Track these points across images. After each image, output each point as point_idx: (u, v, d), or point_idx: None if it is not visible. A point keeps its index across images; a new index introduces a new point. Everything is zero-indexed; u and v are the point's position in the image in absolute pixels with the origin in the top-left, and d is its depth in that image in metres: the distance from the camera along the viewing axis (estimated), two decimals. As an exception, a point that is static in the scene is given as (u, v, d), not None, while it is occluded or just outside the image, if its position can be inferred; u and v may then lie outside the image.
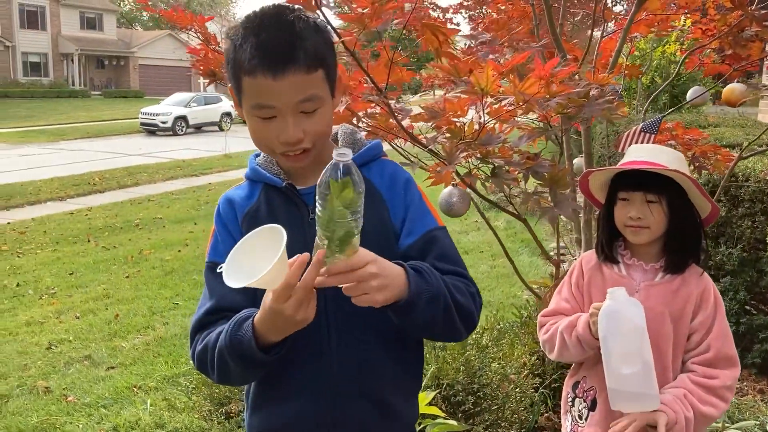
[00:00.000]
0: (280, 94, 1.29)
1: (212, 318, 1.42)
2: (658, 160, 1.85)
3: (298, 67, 1.28)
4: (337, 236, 1.16)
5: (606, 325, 1.75)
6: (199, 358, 1.40)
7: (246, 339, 1.28)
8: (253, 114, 1.34)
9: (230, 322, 1.34)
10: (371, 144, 1.51)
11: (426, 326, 1.37)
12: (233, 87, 1.38)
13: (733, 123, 6.81)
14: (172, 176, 15.23)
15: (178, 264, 7.57)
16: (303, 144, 1.35)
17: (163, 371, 4.50)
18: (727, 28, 2.97)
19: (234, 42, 1.32)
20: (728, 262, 3.94)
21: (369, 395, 1.43)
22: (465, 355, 3.08)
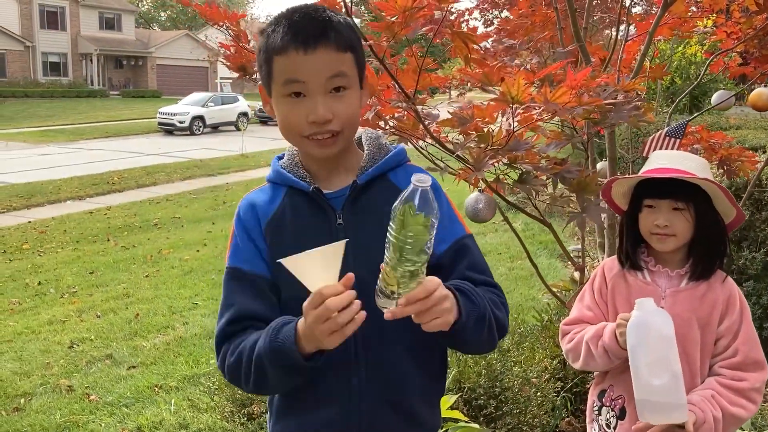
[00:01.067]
0: (310, 69, 1.31)
1: (236, 328, 1.40)
2: (683, 166, 1.84)
3: (329, 44, 1.31)
4: (409, 267, 1.16)
5: (635, 336, 1.74)
6: (232, 371, 1.38)
7: (287, 345, 1.26)
8: (282, 94, 1.35)
9: (268, 329, 1.32)
10: (396, 149, 1.51)
11: (471, 344, 1.40)
12: (265, 77, 1.38)
13: (755, 125, 6.75)
14: (190, 176, 15.35)
15: (196, 264, 7.62)
16: (332, 126, 1.34)
17: (184, 371, 4.54)
18: (753, 31, 2.95)
19: (267, 31, 1.35)
20: (751, 267, 3.90)
21: (396, 404, 1.43)
22: (487, 358, 3.08)
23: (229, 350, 1.38)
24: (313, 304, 1.19)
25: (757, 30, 2.91)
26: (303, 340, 1.26)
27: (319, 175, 1.46)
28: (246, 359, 1.34)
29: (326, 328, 1.18)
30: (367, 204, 1.43)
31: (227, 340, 1.40)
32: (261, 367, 1.31)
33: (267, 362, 1.30)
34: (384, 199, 1.39)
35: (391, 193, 1.39)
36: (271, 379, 1.33)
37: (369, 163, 1.46)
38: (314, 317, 1.18)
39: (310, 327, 1.20)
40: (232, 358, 1.36)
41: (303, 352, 1.26)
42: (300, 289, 1.32)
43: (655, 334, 1.72)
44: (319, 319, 1.18)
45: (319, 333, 1.19)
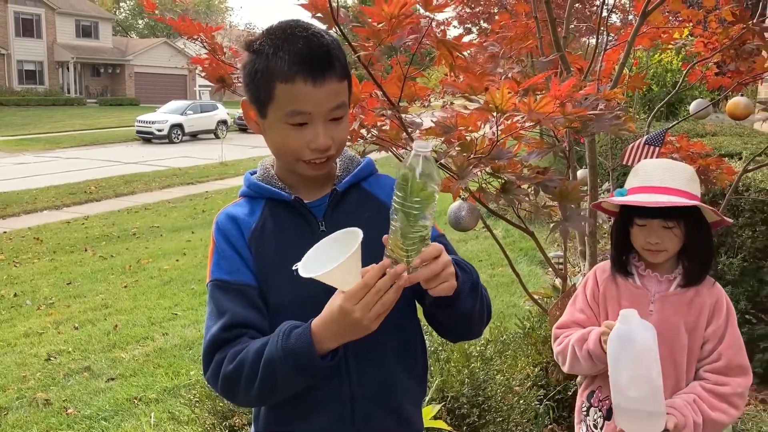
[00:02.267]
0: (317, 101, 1.33)
1: (230, 334, 1.36)
2: (674, 183, 1.86)
3: (334, 75, 1.34)
4: (419, 232, 1.18)
5: (616, 348, 1.76)
6: (229, 380, 1.33)
7: (302, 345, 1.25)
8: (284, 121, 1.35)
9: (275, 334, 1.30)
10: (365, 161, 1.55)
11: (465, 317, 1.41)
12: (260, 98, 1.37)
13: (731, 132, 6.85)
14: (169, 184, 15.22)
15: (176, 273, 7.55)
16: (330, 151, 1.38)
17: (164, 383, 4.49)
18: (729, 41, 2.99)
19: (263, 52, 1.34)
20: (729, 272, 3.95)
21: (386, 405, 1.45)
22: (470, 367, 3.08)
23: (226, 358, 1.33)
24: (357, 297, 1.19)
25: (733, 40, 2.96)
26: (326, 336, 1.25)
27: (297, 186, 1.47)
28: (250, 365, 1.30)
29: (374, 315, 1.20)
30: (346, 211, 1.46)
31: (221, 348, 1.35)
32: (270, 373, 1.28)
33: (279, 366, 1.27)
34: (361, 206, 1.48)
35: (367, 200, 1.49)
36: (279, 386, 1.31)
37: (344, 173, 1.50)
38: (363, 306, 1.19)
39: (355, 322, 1.20)
40: (231, 366, 1.32)
41: (320, 350, 1.26)
42: (289, 293, 1.38)
43: (636, 348, 1.73)
44: (368, 307, 1.19)
45: (368, 322, 1.20)
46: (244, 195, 1.51)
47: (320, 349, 1.25)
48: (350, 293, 1.19)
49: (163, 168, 17.88)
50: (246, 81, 1.40)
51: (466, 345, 3.26)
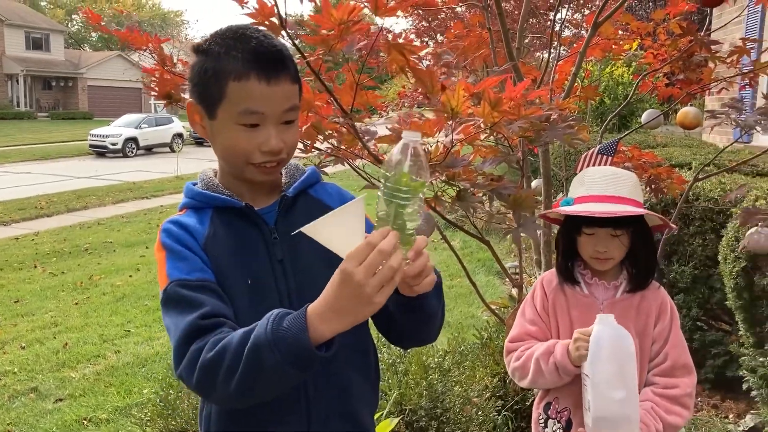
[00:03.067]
0: (271, 101, 1.30)
1: (209, 322, 1.23)
2: (619, 191, 1.88)
3: (288, 76, 1.32)
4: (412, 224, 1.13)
5: (596, 350, 1.76)
6: (208, 369, 1.18)
7: (295, 330, 1.12)
8: (235, 122, 1.31)
9: (265, 319, 1.16)
10: (310, 170, 1.53)
11: (430, 318, 1.37)
12: (206, 96, 1.33)
13: (680, 143, 7.01)
14: (123, 199, 14.90)
15: (129, 289, 7.38)
16: (282, 155, 1.35)
17: (115, 402, 4.36)
18: (678, 53, 3.06)
19: (212, 51, 1.31)
20: (681, 280, 4.02)
21: (343, 412, 1.42)
22: (428, 379, 3.05)
23: (206, 345, 1.19)
24: (360, 257, 1.08)
25: (682, 52, 3.02)
26: (323, 315, 1.13)
27: (244, 194, 1.43)
28: (233, 352, 1.16)
29: (378, 281, 1.08)
30: (296, 218, 1.42)
31: (200, 336, 1.21)
32: (255, 361, 1.14)
33: (267, 353, 1.13)
34: (311, 213, 1.41)
35: (316, 207, 1.46)
36: (263, 378, 1.16)
37: (291, 180, 1.48)
38: (366, 269, 1.07)
39: (357, 288, 1.08)
40: (211, 354, 1.18)
41: (314, 339, 1.13)
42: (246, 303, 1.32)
43: (616, 349, 1.75)
44: (372, 270, 1.07)
45: (371, 289, 1.07)
46: (187, 207, 1.44)
47: (316, 336, 1.12)
48: (352, 253, 1.09)
49: (117, 182, 17.52)
50: (194, 81, 1.36)
51: (424, 357, 3.24)
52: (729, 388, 3.99)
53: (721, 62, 2.94)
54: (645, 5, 14.63)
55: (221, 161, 1.43)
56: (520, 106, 1.77)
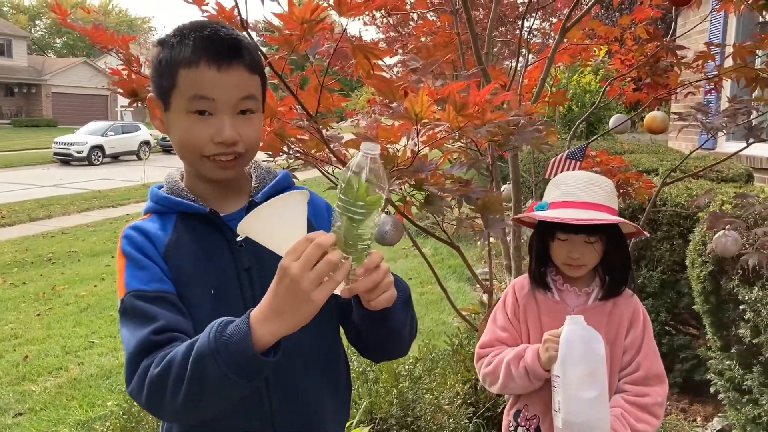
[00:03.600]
0: (222, 88, 1.25)
1: (162, 337, 1.19)
2: (594, 197, 1.86)
3: (242, 64, 1.27)
4: (366, 241, 1.08)
5: (566, 350, 1.75)
6: (155, 384, 1.14)
7: (238, 337, 1.07)
8: (187, 110, 1.26)
9: (210, 327, 1.11)
10: (282, 173, 1.48)
11: (396, 333, 1.32)
12: (163, 88, 1.29)
13: (647, 150, 7.10)
14: (88, 207, 14.63)
15: (94, 300, 7.21)
16: (237, 147, 1.29)
17: (78, 416, 4.23)
18: (644, 58, 3.08)
19: (168, 42, 1.27)
20: (649, 285, 4.05)
21: (309, 427, 1.37)
22: (398, 387, 3.02)
23: (153, 362, 1.15)
24: (297, 252, 1.04)
25: (648, 57, 3.05)
26: (265, 317, 1.08)
27: (210, 198, 1.37)
28: (178, 366, 1.11)
29: (315, 275, 1.02)
30: None
31: (151, 353, 1.17)
32: (199, 372, 1.09)
33: (210, 362, 1.08)
34: None
35: None
36: (209, 390, 1.11)
37: (261, 184, 1.42)
38: (302, 263, 1.02)
39: (293, 284, 1.03)
40: (157, 369, 1.14)
41: (258, 346, 1.08)
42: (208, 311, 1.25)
43: (586, 349, 1.74)
44: (308, 264, 1.02)
45: (308, 284, 1.02)
46: (151, 211, 1.39)
47: (259, 341, 1.07)
48: (290, 249, 1.05)
49: (83, 191, 17.21)
50: (151, 75, 1.32)
51: (395, 364, 3.20)
52: (697, 391, 4.03)
53: (687, 67, 2.97)
54: (611, 14, 14.87)
55: (182, 160, 1.37)
56: (486, 111, 1.75)
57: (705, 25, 7.55)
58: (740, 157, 6.65)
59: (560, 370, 1.75)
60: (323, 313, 1.08)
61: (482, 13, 7.45)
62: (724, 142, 7.68)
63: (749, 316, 2.80)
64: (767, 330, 2.70)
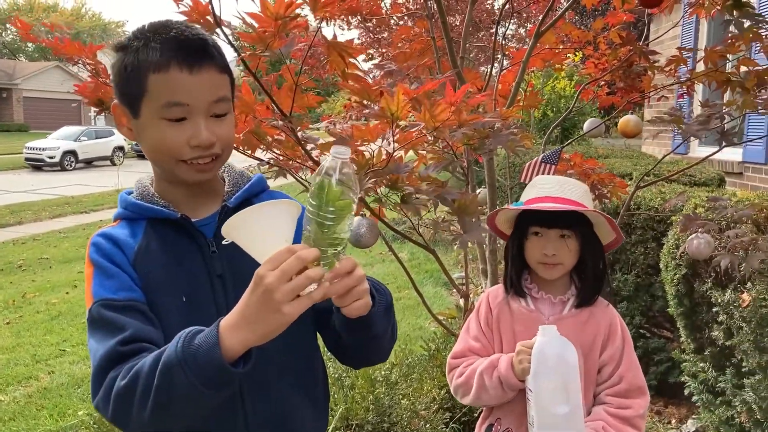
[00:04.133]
0: (195, 91, 1.22)
1: (128, 348, 1.16)
2: (569, 194, 1.85)
3: (213, 65, 1.24)
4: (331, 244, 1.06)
5: (538, 363, 1.72)
6: (122, 396, 1.11)
7: (206, 346, 1.04)
8: (160, 117, 1.23)
9: (178, 336, 1.09)
10: (256, 177, 1.46)
11: (376, 340, 1.31)
12: (127, 94, 1.25)
13: (621, 154, 7.16)
14: (60, 213, 14.39)
15: (65, 307, 7.08)
16: (214, 149, 1.26)
17: (48, 425, 4.14)
18: (618, 62, 3.10)
19: (131, 47, 1.23)
20: (624, 288, 4.08)
21: None
22: (375, 393, 2.99)
23: (120, 374, 1.12)
24: (276, 262, 1.01)
25: (622, 61, 3.07)
26: (234, 326, 1.05)
27: (181, 203, 1.34)
28: (145, 377, 1.09)
29: (290, 288, 1.00)
30: None
31: (118, 364, 1.14)
32: (167, 383, 1.06)
33: (177, 372, 1.05)
34: None
35: None
36: (176, 401, 1.08)
37: (234, 188, 1.40)
38: (279, 274, 1.00)
39: (266, 294, 1.01)
40: (124, 381, 1.11)
41: (227, 355, 1.05)
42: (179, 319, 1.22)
43: (559, 361, 1.70)
44: (285, 276, 1.00)
45: (282, 296, 1.00)
46: (121, 217, 1.35)
47: (228, 350, 1.04)
48: (270, 258, 1.03)
49: (55, 196, 16.93)
50: (115, 81, 1.27)
51: (371, 370, 3.18)
52: (671, 394, 4.06)
53: (660, 71, 3.00)
54: (585, 20, 15.04)
55: (153, 165, 1.34)
56: (461, 111, 1.74)
57: (677, 31, 7.67)
58: (712, 161, 6.76)
59: (533, 383, 1.73)
60: (299, 320, 1.06)
61: (458, 18, 7.48)
62: (696, 146, 7.79)
63: (722, 318, 2.83)
64: (740, 332, 2.73)
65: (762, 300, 2.57)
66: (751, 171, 6.72)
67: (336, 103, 15.44)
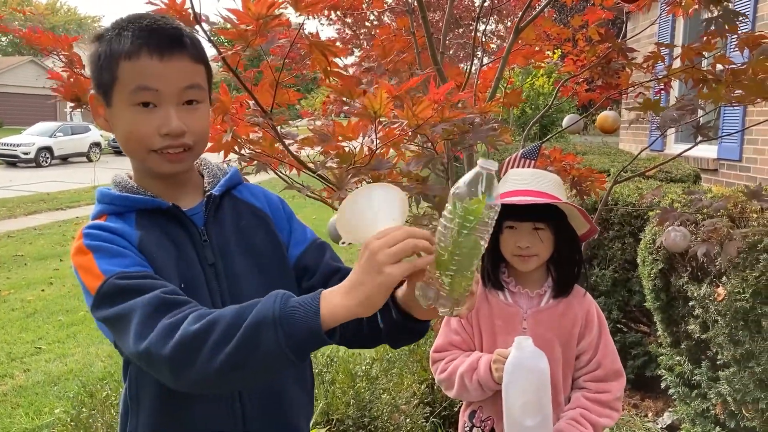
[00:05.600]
0: (165, 78, 1.21)
1: (175, 298, 1.11)
2: (541, 186, 1.87)
3: (185, 52, 1.23)
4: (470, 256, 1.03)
5: (510, 376, 1.74)
6: (190, 338, 1.04)
7: (306, 310, 1.02)
8: (130, 103, 1.22)
9: (272, 296, 1.06)
10: (232, 170, 1.46)
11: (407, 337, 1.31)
12: (104, 84, 1.24)
13: (599, 151, 7.24)
14: (35, 210, 14.18)
15: (41, 304, 6.99)
16: (185, 139, 1.25)
17: (23, 424, 4.09)
18: (596, 59, 3.13)
19: (106, 36, 1.24)
20: (602, 283, 4.12)
21: (281, 422, 1.36)
22: (355, 387, 3.00)
23: (187, 318, 1.06)
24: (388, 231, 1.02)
25: (600, 58, 3.10)
26: (330, 297, 1.03)
27: (164, 195, 1.33)
28: (226, 326, 1.03)
29: (394, 252, 1.00)
30: (223, 219, 1.36)
31: (170, 310, 1.08)
32: (254, 337, 1.02)
33: (268, 330, 1.01)
34: (237, 215, 1.38)
35: (242, 207, 1.39)
36: (256, 359, 1.03)
37: (214, 180, 1.40)
38: (384, 240, 1.00)
39: (371, 256, 1.00)
40: (197, 325, 1.04)
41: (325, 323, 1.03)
42: None
43: (531, 375, 1.73)
44: (390, 242, 1.00)
45: (384, 257, 0.99)
46: (105, 213, 1.30)
47: (325, 317, 1.02)
48: (382, 230, 1.02)
49: (30, 193, 16.69)
50: (91, 70, 1.27)
51: (351, 365, 3.18)
52: (648, 387, 4.11)
53: (637, 68, 3.03)
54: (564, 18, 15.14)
55: (129, 156, 1.32)
56: (444, 108, 1.74)
57: (654, 29, 7.75)
58: (688, 158, 6.85)
59: (505, 394, 1.76)
60: None
61: (438, 14, 7.49)
62: (672, 143, 7.88)
63: (698, 312, 2.87)
64: (715, 325, 2.77)
65: (737, 294, 2.61)
66: (725, 168, 6.83)
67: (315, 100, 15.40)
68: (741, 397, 2.71)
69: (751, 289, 2.56)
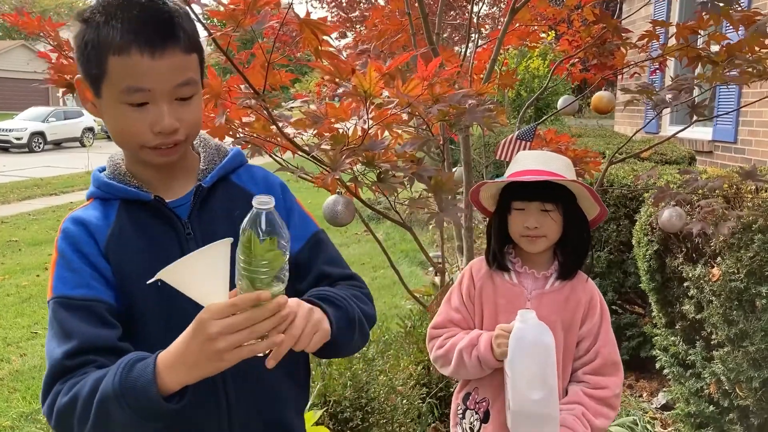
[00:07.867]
0: (157, 76, 1.16)
1: (74, 362, 1.15)
2: (551, 167, 1.84)
3: (178, 47, 1.17)
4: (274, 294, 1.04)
5: (515, 348, 1.72)
6: (62, 415, 1.13)
7: (143, 381, 1.06)
8: (120, 101, 1.18)
9: (116, 366, 1.10)
10: (234, 152, 1.42)
11: (344, 349, 1.33)
12: (92, 74, 1.19)
13: (594, 134, 7.22)
14: (29, 196, 14.13)
15: (36, 290, 6.98)
16: (178, 135, 1.21)
17: (20, 408, 4.10)
18: (591, 39, 3.12)
19: (93, 20, 1.17)
20: (597, 265, 4.13)
21: (267, 417, 1.34)
22: (352, 369, 3.01)
23: (63, 389, 1.13)
24: (224, 312, 1.01)
25: (595, 39, 3.08)
26: (171, 366, 1.07)
27: (154, 183, 1.31)
28: (83, 401, 1.10)
29: (234, 340, 1.01)
30: (214, 210, 1.32)
31: (63, 377, 1.15)
32: (104, 414, 1.08)
33: (114, 406, 1.06)
34: (231, 204, 1.32)
35: (238, 195, 1.34)
36: (115, 427, 1.10)
37: (209, 165, 1.36)
38: (223, 326, 1.01)
39: (208, 343, 1.02)
40: (65, 399, 1.11)
41: (164, 389, 1.07)
42: (155, 304, 1.21)
43: (536, 347, 1.71)
44: (232, 328, 1.01)
45: (224, 345, 1.01)
46: (94, 197, 1.31)
47: (165, 386, 1.06)
48: (217, 308, 1.02)
49: (23, 178, 16.61)
50: (77, 55, 1.21)
51: (348, 347, 3.19)
52: (643, 368, 4.14)
53: (632, 48, 3.01)
54: (558, 0, 15.07)
55: (120, 147, 1.30)
56: (435, 86, 1.73)
57: (649, 10, 7.71)
58: (683, 140, 6.85)
59: (509, 368, 1.74)
60: None
61: (432, -3, 7.44)
62: (668, 125, 7.88)
63: (693, 292, 2.88)
64: (709, 306, 2.78)
65: (731, 274, 2.62)
66: (720, 150, 6.83)
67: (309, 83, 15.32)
68: (735, 376, 2.73)
69: (745, 270, 2.57)
